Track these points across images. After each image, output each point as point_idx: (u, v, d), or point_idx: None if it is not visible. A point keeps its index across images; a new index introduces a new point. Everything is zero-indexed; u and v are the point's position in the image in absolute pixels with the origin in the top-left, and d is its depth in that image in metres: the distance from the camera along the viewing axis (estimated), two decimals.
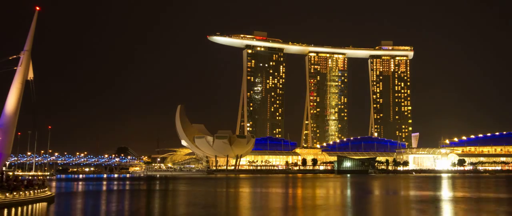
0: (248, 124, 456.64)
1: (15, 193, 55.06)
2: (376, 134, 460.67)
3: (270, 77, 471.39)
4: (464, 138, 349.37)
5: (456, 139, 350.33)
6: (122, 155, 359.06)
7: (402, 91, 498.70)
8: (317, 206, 59.91)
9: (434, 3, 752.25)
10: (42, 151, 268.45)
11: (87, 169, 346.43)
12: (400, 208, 59.09)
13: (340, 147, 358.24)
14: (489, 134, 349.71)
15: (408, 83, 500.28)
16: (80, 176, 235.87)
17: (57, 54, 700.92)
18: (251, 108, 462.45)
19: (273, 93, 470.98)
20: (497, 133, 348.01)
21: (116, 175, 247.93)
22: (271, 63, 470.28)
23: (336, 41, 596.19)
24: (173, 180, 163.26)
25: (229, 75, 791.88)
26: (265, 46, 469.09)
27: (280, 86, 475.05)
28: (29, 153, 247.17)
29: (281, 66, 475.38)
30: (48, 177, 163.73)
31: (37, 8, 70.18)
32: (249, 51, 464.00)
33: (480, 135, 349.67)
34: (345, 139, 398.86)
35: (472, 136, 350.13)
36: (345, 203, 65.73)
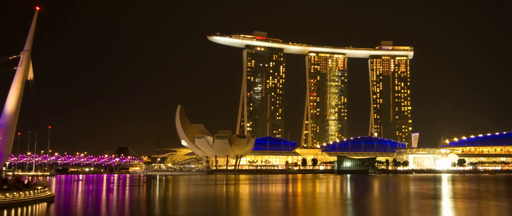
0: (248, 124, 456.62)
1: (15, 193, 55.06)
2: (376, 134, 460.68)
3: (270, 77, 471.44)
4: (464, 138, 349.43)
5: (456, 139, 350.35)
6: (122, 155, 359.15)
7: (402, 91, 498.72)
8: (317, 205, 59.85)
9: (434, 3, 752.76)
10: (42, 151, 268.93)
11: (87, 169, 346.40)
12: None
13: (340, 147, 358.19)
14: (489, 134, 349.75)
15: (408, 83, 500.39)
16: (80, 176, 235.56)
17: (58, 54, 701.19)
18: (251, 108, 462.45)
19: (273, 93, 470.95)
20: (497, 133, 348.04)
21: (116, 175, 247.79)
22: (271, 63, 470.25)
23: (336, 41, 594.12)
24: (173, 180, 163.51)
25: (229, 75, 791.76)
26: (265, 46, 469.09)
27: (280, 86, 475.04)
28: (29, 153, 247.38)
29: (281, 66, 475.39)
30: (47, 177, 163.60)
31: (37, 8, 70.19)
32: (249, 51, 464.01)
33: (480, 135, 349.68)
34: (345, 139, 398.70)
35: (472, 136, 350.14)
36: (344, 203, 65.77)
